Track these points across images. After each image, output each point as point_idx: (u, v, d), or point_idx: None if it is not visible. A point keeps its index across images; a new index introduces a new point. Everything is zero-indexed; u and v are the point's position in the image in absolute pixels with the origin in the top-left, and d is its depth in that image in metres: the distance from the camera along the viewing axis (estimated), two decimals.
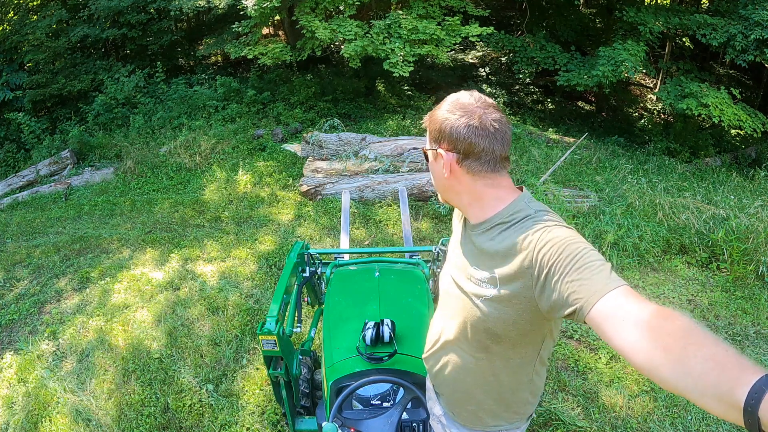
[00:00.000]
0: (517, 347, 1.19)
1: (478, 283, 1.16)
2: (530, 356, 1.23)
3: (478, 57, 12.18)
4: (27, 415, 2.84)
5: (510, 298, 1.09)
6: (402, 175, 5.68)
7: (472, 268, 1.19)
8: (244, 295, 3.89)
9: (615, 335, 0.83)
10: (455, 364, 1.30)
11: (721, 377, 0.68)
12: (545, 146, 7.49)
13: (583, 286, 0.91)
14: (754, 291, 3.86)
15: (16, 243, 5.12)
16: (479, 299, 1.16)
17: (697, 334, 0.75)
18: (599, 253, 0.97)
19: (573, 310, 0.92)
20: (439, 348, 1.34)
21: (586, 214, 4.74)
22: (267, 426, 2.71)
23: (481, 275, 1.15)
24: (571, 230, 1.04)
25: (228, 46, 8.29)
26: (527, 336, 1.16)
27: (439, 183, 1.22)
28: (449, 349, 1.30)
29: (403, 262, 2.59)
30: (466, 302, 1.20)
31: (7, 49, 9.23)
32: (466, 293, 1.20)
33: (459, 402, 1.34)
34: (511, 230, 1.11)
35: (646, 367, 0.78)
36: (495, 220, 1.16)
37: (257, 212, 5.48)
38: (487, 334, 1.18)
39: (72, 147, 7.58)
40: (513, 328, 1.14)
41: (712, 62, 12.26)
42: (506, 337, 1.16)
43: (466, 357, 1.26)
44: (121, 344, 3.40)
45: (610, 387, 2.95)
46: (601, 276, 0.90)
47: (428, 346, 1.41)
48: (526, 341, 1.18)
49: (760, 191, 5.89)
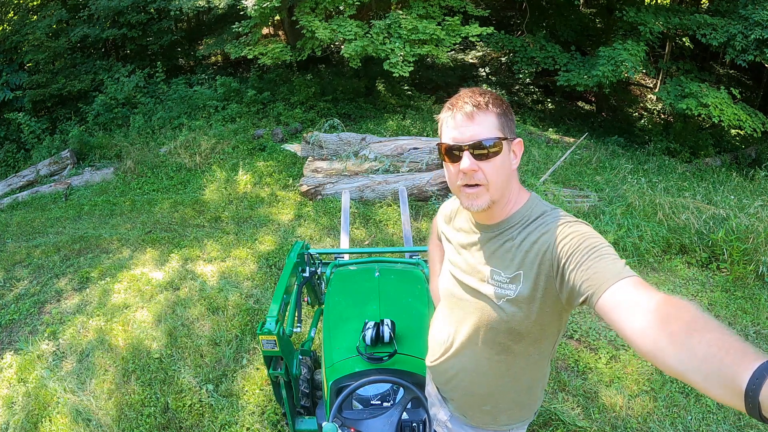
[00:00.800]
0: (537, 343, 1.19)
1: (498, 285, 1.15)
2: (547, 350, 1.24)
3: (478, 57, 12.18)
4: (27, 415, 2.84)
5: (533, 293, 1.10)
6: (402, 175, 5.68)
7: (490, 270, 1.17)
8: (244, 295, 3.89)
9: (623, 322, 0.85)
10: (471, 369, 1.28)
11: (724, 361, 0.68)
12: (545, 146, 7.49)
13: (596, 274, 0.93)
14: (754, 291, 3.86)
15: (16, 243, 5.12)
16: (501, 300, 1.14)
17: (703, 321, 0.76)
18: (614, 249, 0.99)
19: (585, 297, 0.95)
20: (452, 355, 1.31)
21: (586, 214, 4.74)
22: (267, 426, 2.71)
23: (501, 276, 1.14)
24: (589, 226, 1.06)
25: (228, 46, 8.30)
26: (546, 330, 1.17)
27: (504, 174, 1.11)
28: (464, 355, 1.28)
29: (403, 262, 2.59)
30: (482, 306, 1.19)
31: (7, 49, 9.24)
32: (484, 296, 1.18)
33: (474, 404, 1.33)
34: (532, 226, 1.12)
35: (652, 352, 0.79)
36: (516, 218, 1.16)
37: (257, 212, 5.48)
38: (508, 334, 1.17)
39: (72, 147, 7.58)
40: (536, 324, 1.14)
41: (712, 62, 12.26)
42: (528, 334, 1.16)
43: (482, 361, 1.24)
44: (121, 344, 3.40)
45: (610, 387, 2.95)
46: (614, 267, 0.93)
47: (437, 354, 1.37)
48: (545, 335, 1.19)
49: (760, 191, 5.89)
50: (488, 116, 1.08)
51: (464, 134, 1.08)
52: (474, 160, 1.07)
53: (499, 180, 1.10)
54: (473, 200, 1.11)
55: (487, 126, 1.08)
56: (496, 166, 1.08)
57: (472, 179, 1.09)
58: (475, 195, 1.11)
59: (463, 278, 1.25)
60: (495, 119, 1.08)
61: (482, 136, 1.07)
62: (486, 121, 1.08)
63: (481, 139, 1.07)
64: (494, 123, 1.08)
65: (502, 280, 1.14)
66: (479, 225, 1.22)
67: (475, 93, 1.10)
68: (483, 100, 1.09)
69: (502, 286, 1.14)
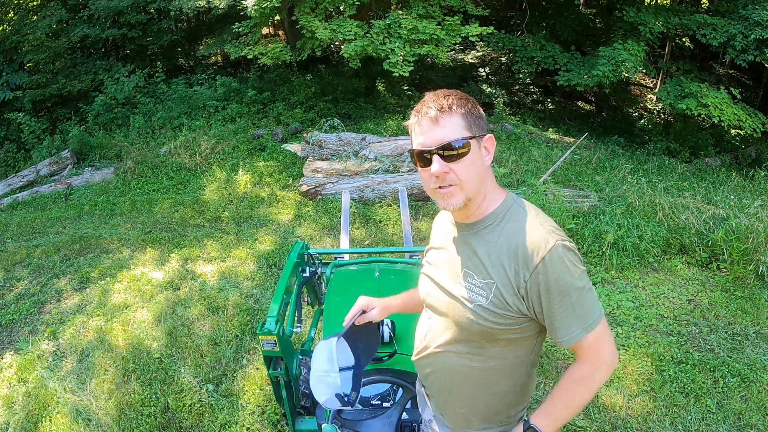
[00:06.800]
0: (512, 344, 1.19)
1: (470, 288, 1.16)
2: (525, 354, 1.23)
3: (478, 57, 12.17)
4: (27, 415, 2.84)
5: (505, 303, 1.12)
6: (402, 175, 5.68)
7: (464, 271, 1.18)
8: (244, 295, 3.89)
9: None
10: (446, 368, 1.27)
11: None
12: (545, 146, 7.49)
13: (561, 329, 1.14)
14: (754, 291, 3.86)
15: (16, 243, 5.13)
16: (473, 303, 1.15)
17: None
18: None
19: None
20: (430, 353, 1.31)
21: (586, 214, 4.74)
22: (267, 426, 2.71)
23: (475, 280, 1.15)
24: (561, 240, 1.12)
25: (228, 46, 8.29)
26: (523, 332, 1.17)
27: (477, 173, 1.14)
28: (439, 353, 1.27)
29: (403, 262, 2.59)
30: (455, 306, 1.19)
31: (7, 49, 9.23)
32: (456, 297, 1.19)
33: (449, 404, 1.32)
34: (507, 231, 1.14)
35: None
36: (490, 219, 1.17)
37: (257, 212, 5.48)
38: (481, 336, 1.17)
39: (72, 147, 7.58)
40: (511, 328, 1.15)
41: (712, 62, 12.25)
42: (503, 335, 1.17)
43: (457, 359, 1.24)
44: (121, 344, 3.40)
45: (610, 387, 2.95)
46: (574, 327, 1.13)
47: (417, 349, 1.37)
48: (522, 337, 1.19)
49: (760, 191, 5.89)
50: (453, 117, 1.11)
51: (431, 138, 1.11)
52: (444, 162, 1.10)
53: (472, 178, 1.12)
54: (448, 199, 1.14)
55: (453, 127, 1.10)
56: (466, 165, 1.11)
57: (444, 181, 1.12)
58: (449, 194, 1.13)
59: (438, 278, 1.26)
60: (460, 119, 1.11)
61: (449, 138, 1.09)
62: (451, 122, 1.10)
63: (448, 141, 1.09)
64: (460, 123, 1.11)
65: (475, 284, 1.15)
66: (457, 224, 1.24)
67: (439, 96, 1.13)
68: (446, 102, 1.11)
69: (475, 290, 1.15)
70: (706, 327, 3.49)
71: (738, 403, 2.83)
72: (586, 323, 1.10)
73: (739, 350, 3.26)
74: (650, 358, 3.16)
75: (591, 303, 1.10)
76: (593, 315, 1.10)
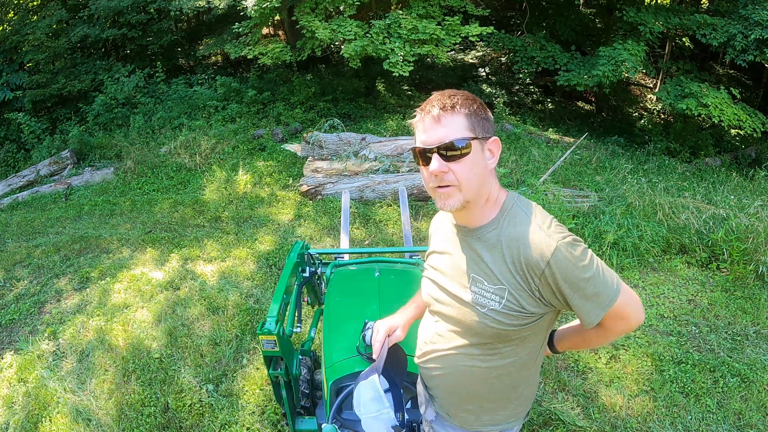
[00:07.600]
0: (525, 341, 1.20)
1: (480, 294, 1.16)
2: (536, 348, 1.24)
3: (478, 57, 12.17)
4: (27, 415, 2.84)
5: (520, 305, 1.12)
6: (402, 175, 5.68)
7: (472, 277, 1.18)
8: (243, 295, 3.89)
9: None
10: (457, 368, 1.27)
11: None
12: (545, 146, 7.49)
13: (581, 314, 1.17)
14: (754, 291, 3.86)
15: (16, 243, 5.13)
16: (485, 309, 1.15)
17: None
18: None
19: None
20: (437, 356, 1.30)
21: (586, 214, 4.74)
22: (267, 426, 2.71)
23: (485, 285, 1.15)
24: (563, 234, 1.12)
25: (228, 46, 8.29)
26: (536, 327, 1.18)
27: (478, 175, 1.12)
28: (448, 355, 1.27)
29: (403, 262, 2.59)
30: (466, 312, 1.19)
31: (7, 49, 9.23)
32: (467, 303, 1.18)
33: (457, 403, 1.32)
34: (512, 233, 1.13)
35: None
36: (494, 224, 1.17)
37: (257, 212, 5.48)
38: (495, 338, 1.18)
39: (72, 147, 7.58)
40: (526, 327, 1.16)
41: (712, 62, 12.25)
42: (517, 336, 1.17)
43: (469, 360, 1.24)
44: (121, 344, 3.40)
45: (609, 387, 2.95)
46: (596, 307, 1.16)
47: (422, 352, 1.37)
48: (535, 334, 1.20)
49: (760, 191, 5.89)
50: (455, 117, 1.10)
51: (432, 137, 1.10)
52: (443, 161, 1.09)
53: (471, 180, 1.11)
54: (445, 200, 1.13)
55: (455, 127, 1.09)
56: (466, 166, 1.10)
57: (443, 180, 1.11)
58: (447, 195, 1.12)
59: (445, 283, 1.25)
60: (463, 119, 1.10)
61: (450, 137, 1.09)
62: (453, 122, 1.10)
63: (448, 141, 1.08)
64: (463, 123, 1.10)
65: (486, 289, 1.15)
66: (459, 227, 1.23)
67: (444, 95, 1.13)
68: (450, 102, 1.11)
69: (486, 296, 1.15)
70: (706, 327, 3.49)
71: (738, 403, 2.83)
72: (603, 304, 1.12)
73: (739, 350, 3.26)
74: (650, 358, 3.16)
75: (604, 284, 1.11)
76: (609, 294, 1.11)
